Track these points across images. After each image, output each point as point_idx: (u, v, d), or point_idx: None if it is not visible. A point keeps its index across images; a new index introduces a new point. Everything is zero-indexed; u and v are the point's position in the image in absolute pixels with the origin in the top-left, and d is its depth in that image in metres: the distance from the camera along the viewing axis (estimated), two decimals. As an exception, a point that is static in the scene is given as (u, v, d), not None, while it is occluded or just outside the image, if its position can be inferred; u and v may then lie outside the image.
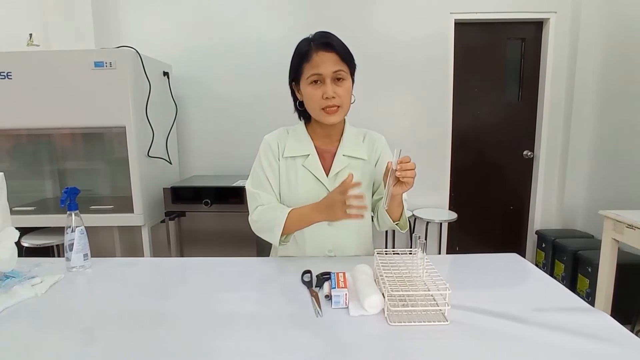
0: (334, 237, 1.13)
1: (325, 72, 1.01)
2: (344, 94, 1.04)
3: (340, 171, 1.12)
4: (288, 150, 1.13)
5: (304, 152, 1.12)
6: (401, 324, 0.73)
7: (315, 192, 1.11)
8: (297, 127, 1.17)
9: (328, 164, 1.13)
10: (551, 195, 2.83)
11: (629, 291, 1.99)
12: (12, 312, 0.81)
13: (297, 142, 1.14)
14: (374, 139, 1.19)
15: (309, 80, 1.03)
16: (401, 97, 2.69)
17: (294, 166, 1.13)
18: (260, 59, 2.63)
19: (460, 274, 1.03)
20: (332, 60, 1.01)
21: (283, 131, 1.18)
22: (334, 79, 1.02)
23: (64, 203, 1.01)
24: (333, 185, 1.11)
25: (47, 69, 1.99)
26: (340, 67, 1.02)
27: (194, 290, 0.92)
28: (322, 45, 1.01)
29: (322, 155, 1.14)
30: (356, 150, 1.14)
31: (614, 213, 1.64)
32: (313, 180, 1.11)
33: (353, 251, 1.16)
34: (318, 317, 0.76)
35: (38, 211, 2.18)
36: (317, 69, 1.01)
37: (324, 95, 1.02)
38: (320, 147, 1.15)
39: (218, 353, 0.66)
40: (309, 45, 1.03)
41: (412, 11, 2.61)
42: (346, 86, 1.04)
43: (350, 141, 1.15)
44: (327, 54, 1.01)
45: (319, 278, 0.91)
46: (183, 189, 2.21)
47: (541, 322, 0.74)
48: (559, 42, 2.66)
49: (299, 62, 1.05)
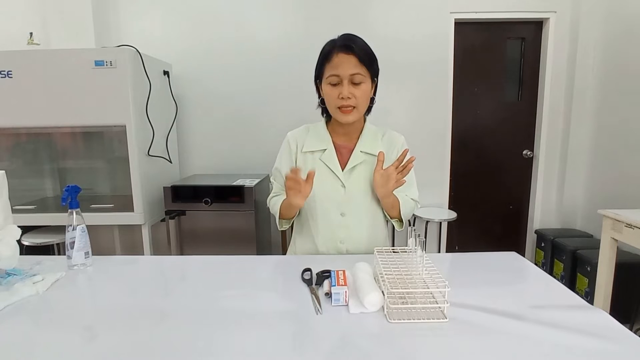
0: (346, 228, 1.16)
1: (343, 74, 1.05)
2: (360, 96, 1.08)
3: (356, 166, 1.16)
4: (307, 146, 1.19)
5: (322, 147, 1.17)
6: (401, 322, 0.74)
7: (331, 185, 1.15)
8: (318, 124, 1.22)
9: (345, 159, 1.17)
10: (550, 195, 2.83)
11: (627, 290, 2.00)
12: (13, 309, 0.81)
13: (316, 137, 1.19)
14: (393, 137, 1.23)
15: (328, 80, 1.08)
16: (401, 97, 2.69)
17: (312, 160, 1.17)
18: (260, 58, 2.63)
19: (459, 272, 1.04)
20: (351, 63, 1.05)
21: (304, 129, 1.24)
22: (351, 80, 1.06)
23: (65, 201, 1.01)
24: (348, 179, 1.15)
25: (48, 67, 1.99)
26: (358, 70, 1.05)
27: (194, 288, 0.93)
28: (343, 47, 1.05)
29: (340, 150, 1.18)
30: (374, 147, 1.17)
31: (612, 212, 1.65)
32: (329, 173, 1.15)
33: (365, 244, 1.17)
34: (318, 315, 0.77)
35: (38, 210, 2.18)
36: (335, 69, 1.06)
37: (340, 96, 1.07)
38: (338, 143, 1.19)
39: (218, 350, 0.66)
40: (332, 46, 1.08)
41: (412, 11, 2.61)
42: (363, 88, 1.08)
43: (368, 138, 1.19)
44: (346, 56, 1.05)
45: (319, 276, 0.91)
46: (183, 187, 2.21)
47: (539, 319, 0.74)
48: (559, 42, 2.66)
49: (321, 61, 1.10)
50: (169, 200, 2.18)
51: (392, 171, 1.05)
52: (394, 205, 1.13)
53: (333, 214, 1.16)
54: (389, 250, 1.00)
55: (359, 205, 1.16)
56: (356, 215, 1.16)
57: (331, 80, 1.07)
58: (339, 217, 1.16)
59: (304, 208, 1.19)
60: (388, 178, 1.06)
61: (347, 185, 1.15)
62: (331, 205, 1.15)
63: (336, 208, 1.15)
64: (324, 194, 1.15)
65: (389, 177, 1.06)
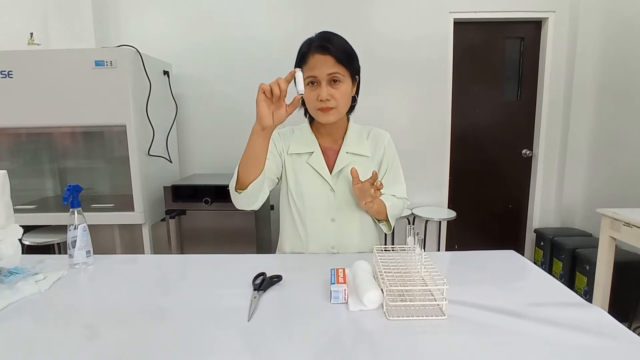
0: (337, 233, 1.15)
1: (320, 75, 1.02)
2: (339, 96, 1.05)
3: (344, 168, 1.14)
4: (293, 147, 1.16)
5: (308, 150, 1.15)
6: (399, 319, 0.74)
7: (320, 188, 1.14)
8: (302, 126, 1.20)
9: (332, 161, 1.16)
10: (550, 194, 2.84)
11: (626, 289, 2.01)
12: (16, 307, 0.82)
13: (301, 139, 1.17)
14: (379, 135, 1.21)
15: (306, 81, 1.04)
16: (400, 96, 2.70)
17: (300, 163, 1.16)
18: (260, 58, 2.64)
19: (457, 270, 1.04)
20: (327, 63, 1.01)
21: (289, 130, 1.22)
22: (329, 81, 1.03)
23: (67, 200, 1.02)
24: (336, 182, 1.14)
25: (48, 68, 2.00)
26: (335, 70, 1.02)
27: (195, 287, 0.93)
28: (319, 47, 1.02)
29: (326, 152, 1.16)
30: (360, 148, 1.16)
31: (611, 211, 1.65)
32: (317, 177, 1.14)
33: (356, 248, 1.17)
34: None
35: (39, 209, 2.19)
36: (312, 71, 1.03)
37: (318, 98, 1.04)
38: (324, 144, 1.17)
39: (218, 348, 0.67)
40: (308, 47, 1.04)
41: (412, 10, 2.62)
42: (342, 89, 1.05)
43: (353, 138, 1.17)
44: (322, 56, 1.01)
45: (269, 281, 0.90)
46: (183, 187, 2.22)
47: (537, 316, 0.75)
48: (558, 42, 2.67)
49: (298, 63, 1.07)
50: (169, 200, 2.19)
51: (368, 187, 0.98)
52: (379, 211, 1.11)
53: (323, 220, 1.14)
54: (388, 248, 1.01)
55: (349, 209, 1.15)
56: (347, 220, 1.15)
57: (309, 81, 1.04)
58: (329, 223, 1.14)
59: (292, 212, 1.16)
60: (364, 193, 1.00)
61: (337, 189, 1.14)
62: (321, 211, 1.14)
63: (326, 214, 1.14)
64: (313, 199, 1.13)
65: (365, 193, 0.99)
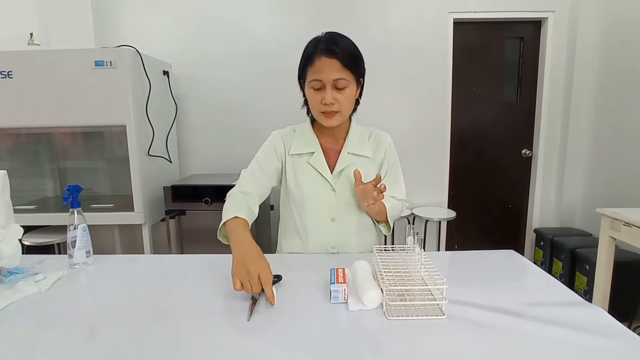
0: (337, 233, 1.16)
1: (325, 79, 1.01)
2: (343, 101, 1.04)
3: (345, 168, 1.14)
4: (294, 148, 1.16)
5: (310, 150, 1.15)
6: (399, 318, 0.74)
7: (320, 188, 1.14)
8: (304, 125, 1.20)
9: (333, 161, 1.16)
10: (549, 194, 2.84)
11: (626, 289, 2.01)
12: (16, 307, 0.82)
13: (303, 139, 1.17)
14: (380, 137, 1.21)
15: (311, 84, 1.04)
16: (400, 96, 2.70)
17: (300, 163, 1.16)
18: (260, 58, 2.64)
19: (457, 269, 1.04)
20: (334, 68, 1.00)
21: (290, 130, 1.21)
22: (334, 85, 1.02)
23: (67, 200, 1.02)
24: (337, 182, 1.14)
25: (48, 68, 1.99)
26: (341, 75, 1.01)
27: (195, 287, 0.93)
28: (325, 50, 1.00)
29: (327, 152, 1.16)
30: (361, 148, 1.17)
31: (611, 211, 1.65)
32: (318, 177, 1.14)
33: (356, 248, 1.17)
34: (249, 321, 0.75)
35: (39, 210, 2.19)
36: (318, 74, 1.02)
37: (323, 101, 1.03)
38: (325, 145, 1.17)
39: (218, 348, 0.67)
40: (314, 49, 1.02)
41: (412, 11, 2.62)
42: (347, 93, 1.04)
43: (355, 139, 1.17)
44: (329, 60, 1.00)
45: None
46: (183, 187, 2.21)
47: (537, 316, 0.75)
48: (558, 41, 2.67)
49: (304, 64, 1.06)
50: (169, 200, 2.19)
51: (370, 189, 0.97)
52: (380, 212, 1.12)
53: (323, 220, 1.15)
54: (387, 248, 1.01)
55: (349, 209, 1.15)
56: (347, 220, 1.15)
57: (314, 84, 1.03)
58: (329, 223, 1.15)
59: (292, 212, 1.17)
60: (367, 195, 0.99)
61: (337, 189, 1.14)
62: (321, 211, 1.14)
63: (327, 213, 1.15)
64: (314, 198, 1.14)
65: (368, 195, 0.98)
